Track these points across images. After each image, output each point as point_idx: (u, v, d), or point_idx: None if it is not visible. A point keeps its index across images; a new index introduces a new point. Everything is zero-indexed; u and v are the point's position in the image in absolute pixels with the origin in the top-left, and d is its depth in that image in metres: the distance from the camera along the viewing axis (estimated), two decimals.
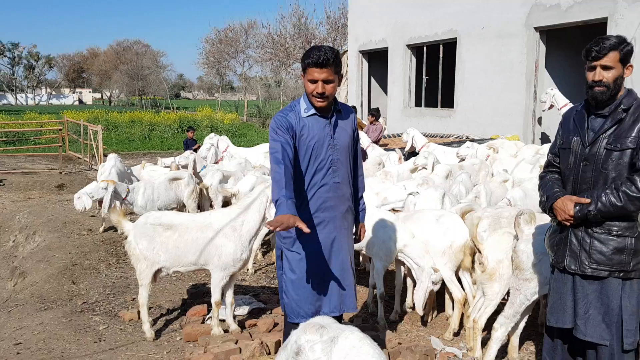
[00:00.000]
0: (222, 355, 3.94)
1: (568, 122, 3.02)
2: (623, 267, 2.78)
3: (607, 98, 2.80)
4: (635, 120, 2.74)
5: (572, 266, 2.88)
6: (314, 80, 3.06)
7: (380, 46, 17.25)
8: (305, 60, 3.07)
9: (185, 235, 4.40)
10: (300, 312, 3.23)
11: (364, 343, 2.06)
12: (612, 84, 2.76)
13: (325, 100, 3.10)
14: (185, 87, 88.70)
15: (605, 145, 2.78)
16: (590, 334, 2.84)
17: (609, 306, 2.81)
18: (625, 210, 2.72)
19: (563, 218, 2.87)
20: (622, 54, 2.75)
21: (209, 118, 29.20)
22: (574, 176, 2.91)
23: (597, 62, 2.77)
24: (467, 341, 4.32)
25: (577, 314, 2.88)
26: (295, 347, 2.09)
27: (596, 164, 2.81)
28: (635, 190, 2.67)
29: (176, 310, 5.23)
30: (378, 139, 11.77)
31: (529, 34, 12.07)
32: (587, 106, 2.92)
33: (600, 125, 2.83)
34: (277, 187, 2.88)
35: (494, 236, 4.05)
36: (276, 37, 32.76)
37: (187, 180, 7.50)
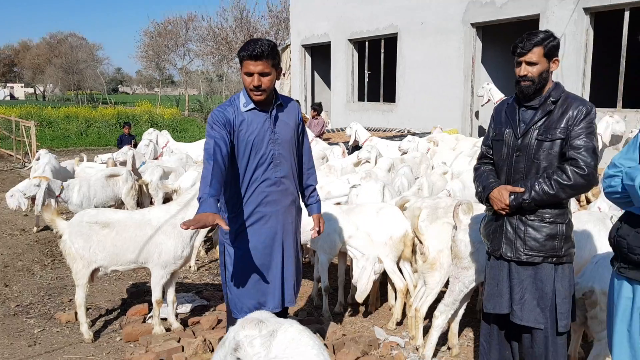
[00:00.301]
0: (164, 354, 3.86)
1: (500, 115, 3.12)
2: (555, 253, 2.90)
3: (532, 92, 2.91)
4: (564, 112, 2.86)
5: (508, 253, 2.97)
6: (249, 73, 3.03)
7: (322, 40, 17.30)
8: (240, 53, 3.04)
9: (123, 233, 4.28)
10: (244, 308, 3.20)
11: (303, 335, 2.05)
12: (537, 78, 2.87)
13: (263, 94, 3.07)
14: (123, 82, 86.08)
15: (536, 136, 2.89)
16: (526, 318, 2.95)
17: (543, 291, 2.92)
18: (557, 198, 2.83)
19: (499, 207, 2.96)
20: (546, 49, 2.86)
21: (148, 113, 28.45)
22: (508, 167, 3.01)
23: (522, 58, 2.88)
24: (410, 330, 4.41)
25: (513, 299, 2.98)
26: (233, 343, 2.06)
27: (528, 155, 2.91)
28: (566, 179, 2.78)
29: (116, 310, 5.08)
30: (321, 133, 11.81)
31: (466, 30, 12.39)
32: (518, 99, 3.02)
33: (531, 117, 2.93)
34: (203, 185, 2.84)
35: (435, 226, 4.14)
36: (217, 30, 32.31)
37: (125, 177, 7.29)
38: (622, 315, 2.35)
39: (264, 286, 3.25)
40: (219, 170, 2.89)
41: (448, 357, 4.11)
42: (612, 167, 2.37)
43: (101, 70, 55.85)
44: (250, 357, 2.01)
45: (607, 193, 2.40)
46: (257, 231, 3.21)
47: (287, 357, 1.99)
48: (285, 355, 1.99)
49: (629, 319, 2.32)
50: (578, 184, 2.78)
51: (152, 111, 29.42)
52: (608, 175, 2.38)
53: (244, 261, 3.21)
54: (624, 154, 2.37)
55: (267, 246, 3.23)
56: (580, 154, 2.77)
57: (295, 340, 2.02)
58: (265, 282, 3.24)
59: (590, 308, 3.29)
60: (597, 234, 4.03)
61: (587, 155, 2.77)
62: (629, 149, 2.37)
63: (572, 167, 2.78)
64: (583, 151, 2.78)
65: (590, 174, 2.77)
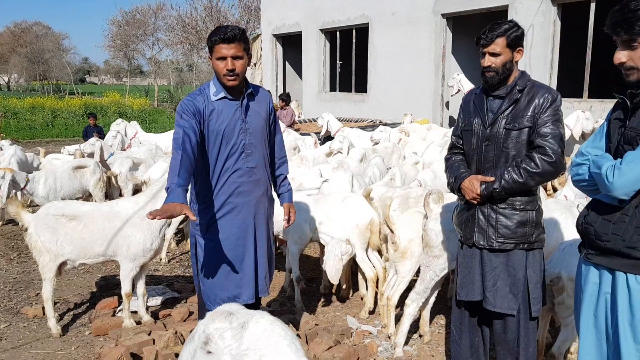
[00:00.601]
0: (135, 348, 3.81)
1: (468, 105, 3.14)
2: (527, 239, 2.95)
3: (497, 82, 2.94)
4: (530, 100, 2.89)
5: (480, 241, 3.01)
6: (222, 58, 2.99)
7: (294, 30, 17.20)
8: (212, 38, 3.00)
9: (91, 225, 4.20)
10: (217, 300, 3.17)
11: (275, 326, 2.04)
12: (501, 68, 2.90)
13: (237, 78, 3.04)
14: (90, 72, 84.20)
15: (504, 125, 2.92)
16: (499, 305, 2.99)
17: (515, 277, 2.97)
18: (526, 186, 2.87)
19: (471, 197, 2.99)
20: (509, 40, 2.87)
21: (117, 103, 27.92)
22: (477, 156, 3.03)
23: (486, 49, 2.90)
24: (382, 318, 4.45)
25: (486, 286, 3.02)
26: (203, 337, 2.04)
27: (497, 144, 2.94)
28: (534, 167, 2.82)
29: (84, 304, 4.99)
30: (291, 123, 11.78)
31: (436, 20, 12.46)
32: (485, 89, 3.05)
33: (498, 107, 2.96)
34: (171, 175, 2.80)
35: (405, 216, 4.16)
36: (187, 19, 31.79)
37: (92, 169, 7.13)
38: (589, 301, 2.40)
39: (237, 277, 3.22)
40: (187, 160, 2.84)
41: (420, 345, 4.16)
42: (579, 156, 2.41)
43: (67, 60, 54.61)
44: (221, 350, 1.99)
45: (574, 181, 2.44)
46: (229, 222, 3.18)
47: (259, 348, 1.98)
48: (257, 346, 1.98)
49: (595, 304, 2.37)
50: (546, 171, 2.82)
51: (120, 102, 28.89)
52: (575, 164, 2.42)
53: (216, 253, 3.18)
54: (591, 143, 2.41)
55: (239, 237, 3.21)
56: (547, 141, 2.82)
57: (267, 332, 2.01)
58: (238, 273, 3.22)
59: (558, 294, 3.36)
60: (563, 221, 4.11)
61: (554, 142, 2.81)
62: (595, 137, 2.42)
63: (539, 155, 2.81)
64: (550, 138, 2.82)
65: (557, 160, 2.82)
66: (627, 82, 2.21)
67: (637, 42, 2.12)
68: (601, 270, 2.34)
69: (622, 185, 2.14)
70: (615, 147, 2.28)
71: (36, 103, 26.39)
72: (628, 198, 2.18)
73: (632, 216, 2.19)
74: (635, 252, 2.18)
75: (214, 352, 2.00)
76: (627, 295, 2.21)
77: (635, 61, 2.15)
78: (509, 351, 3.07)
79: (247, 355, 1.97)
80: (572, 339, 3.44)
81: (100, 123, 16.92)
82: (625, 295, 2.22)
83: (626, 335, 2.21)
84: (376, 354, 4.01)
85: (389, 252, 4.25)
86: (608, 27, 2.19)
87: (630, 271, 2.21)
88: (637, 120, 2.18)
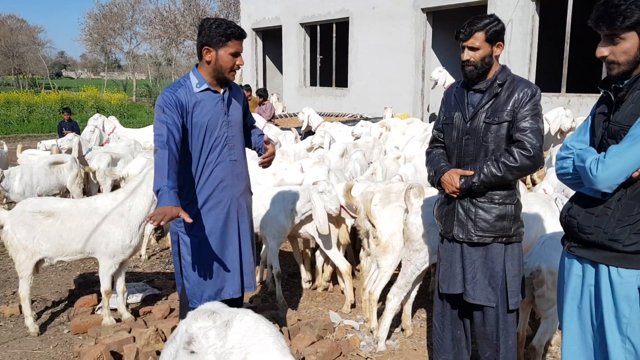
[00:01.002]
0: (115, 346, 3.76)
1: (450, 99, 3.15)
2: (505, 233, 2.97)
3: (475, 76, 2.94)
4: (510, 95, 2.91)
5: (460, 235, 3.02)
6: (237, 54, 3.00)
7: (274, 24, 17.11)
8: (227, 31, 2.95)
9: (69, 222, 4.12)
10: (204, 296, 3.14)
11: (260, 323, 2.02)
12: (480, 62, 2.90)
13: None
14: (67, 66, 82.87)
15: (484, 119, 2.93)
16: (478, 297, 3.02)
17: (494, 270, 3.00)
18: (504, 180, 2.89)
19: (450, 191, 3.00)
20: (488, 34, 2.88)
21: (94, 98, 27.43)
22: (458, 150, 3.05)
23: (465, 43, 2.91)
24: (364, 313, 4.45)
25: (466, 279, 3.04)
26: (186, 337, 2.01)
27: (477, 138, 2.96)
28: (513, 161, 2.83)
29: (63, 302, 4.91)
30: (271, 118, 11.74)
31: (416, 15, 12.49)
32: (466, 83, 3.06)
33: (478, 101, 2.97)
34: (159, 176, 2.73)
35: (387, 210, 4.17)
36: (165, 13, 31.43)
37: (69, 165, 7.01)
38: (573, 293, 2.42)
39: (222, 272, 3.20)
40: (174, 159, 2.80)
41: (402, 338, 4.17)
42: (564, 149, 2.43)
43: (43, 54, 53.59)
44: (205, 349, 1.96)
45: (559, 174, 2.46)
46: (213, 217, 3.15)
47: (244, 346, 1.96)
48: (243, 344, 1.96)
49: (579, 297, 2.40)
50: (524, 165, 2.84)
51: (98, 96, 28.39)
52: (560, 157, 2.43)
53: (201, 249, 3.14)
54: (576, 136, 2.43)
55: (224, 232, 3.18)
56: (526, 135, 2.83)
57: (252, 329, 1.99)
58: (224, 268, 3.19)
59: (538, 287, 3.40)
60: (543, 215, 4.16)
61: (533, 137, 2.83)
62: (580, 131, 2.44)
63: (518, 149, 2.83)
64: (529, 133, 2.83)
65: (536, 155, 2.84)
66: (609, 75, 2.23)
67: (618, 37, 2.13)
68: (584, 263, 2.37)
69: (605, 178, 2.16)
70: (599, 140, 2.30)
71: (11, 98, 25.83)
72: (611, 191, 2.20)
73: (615, 209, 2.22)
74: (617, 244, 2.20)
75: (197, 352, 1.97)
76: (609, 288, 2.24)
77: (617, 56, 2.17)
78: (489, 344, 3.10)
79: (232, 354, 1.94)
80: (552, 331, 3.48)
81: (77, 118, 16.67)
82: (608, 288, 2.25)
83: (612, 327, 2.24)
84: (359, 348, 4.01)
85: (370, 247, 4.26)
86: (591, 21, 2.20)
87: (612, 264, 2.24)
88: (621, 115, 2.20)
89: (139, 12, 36.88)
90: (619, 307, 2.21)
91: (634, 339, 2.20)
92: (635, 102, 2.16)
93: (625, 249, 2.19)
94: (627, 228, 2.19)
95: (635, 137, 2.11)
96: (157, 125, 2.92)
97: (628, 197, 2.19)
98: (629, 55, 2.15)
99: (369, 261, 4.48)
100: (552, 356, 3.85)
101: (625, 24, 2.10)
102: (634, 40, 2.13)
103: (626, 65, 2.17)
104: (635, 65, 2.17)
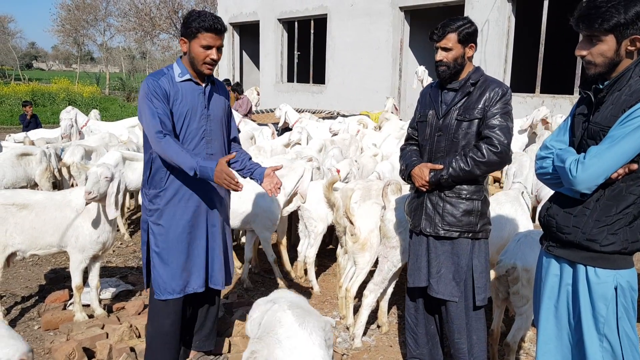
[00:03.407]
0: (87, 342, 3.69)
1: (425, 98, 3.24)
2: (471, 228, 3.04)
3: (448, 76, 3.02)
4: (481, 94, 2.99)
5: (427, 229, 3.09)
6: (209, 47, 2.96)
7: (251, 19, 17.00)
8: (199, 23, 2.93)
9: (43, 214, 4.03)
10: (168, 289, 3.11)
11: None
12: (452, 63, 2.98)
13: (214, 68, 3.06)
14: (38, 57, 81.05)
15: (456, 116, 3.01)
16: (441, 291, 3.07)
17: (458, 265, 3.06)
18: (472, 175, 2.96)
19: (420, 184, 3.07)
20: (460, 36, 2.95)
21: (65, 90, 26.91)
22: (430, 146, 3.12)
23: (438, 44, 2.99)
24: (340, 310, 4.45)
25: (431, 273, 3.10)
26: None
27: (449, 134, 3.03)
28: (481, 156, 2.91)
29: (33, 297, 4.81)
30: (248, 112, 11.68)
31: (394, 13, 12.54)
32: (440, 82, 3.13)
33: (452, 99, 3.06)
34: (183, 160, 2.87)
35: (364, 207, 4.17)
36: (140, 5, 30.95)
37: (39, 157, 6.79)
38: (550, 292, 2.45)
39: (189, 266, 3.16)
40: (178, 142, 2.95)
41: (378, 335, 4.19)
42: (543, 149, 2.46)
43: (13, 45, 52.29)
44: None
45: (538, 174, 2.48)
46: (182, 208, 3.10)
47: None
48: None
49: (556, 296, 2.43)
50: (491, 160, 2.92)
51: (69, 89, 27.84)
52: (540, 157, 2.46)
53: (168, 239, 3.10)
54: (555, 136, 2.46)
55: (192, 224, 3.14)
56: (495, 132, 2.91)
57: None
58: (191, 262, 3.15)
59: (513, 284, 3.44)
60: (514, 213, 4.24)
61: (501, 134, 2.91)
62: (559, 131, 2.46)
63: (486, 145, 2.91)
64: (497, 130, 2.91)
65: (503, 151, 2.92)
66: (587, 75, 2.26)
67: (597, 38, 2.16)
68: (562, 262, 2.40)
69: (585, 179, 2.19)
70: (579, 141, 2.33)
71: None
72: (590, 192, 2.23)
73: (593, 210, 2.25)
74: (594, 244, 2.24)
75: None
76: (587, 288, 2.28)
77: (594, 57, 2.19)
78: (453, 339, 3.15)
79: None
80: (526, 328, 3.53)
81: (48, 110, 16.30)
82: (586, 288, 2.28)
83: (589, 326, 2.27)
84: (335, 345, 4.01)
85: (347, 244, 4.26)
86: (573, 20, 2.23)
87: (589, 264, 2.27)
88: (601, 116, 2.23)
89: (113, 3, 36.27)
90: (596, 306, 2.25)
91: (610, 338, 2.23)
92: (615, 103, 2.18)
93: (602, 249, 2.22)
94: (605, 228, 2.22)
95: (615, 139, 2.13)
96: (148, 116, 2.94)
97: (606, 198, 2.22)
98: (606, 58, 2.18)
99: (346, 258, 4.49)
100: (525, 352, 3.91)
101: (603, 27, 2.12)
102: (611, 43, 2.15)
103: (602, 67, 2.20)
104: (612, 67, 2.20)
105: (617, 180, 2.19)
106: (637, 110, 2.09)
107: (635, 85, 2.15)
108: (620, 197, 2.19)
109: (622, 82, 2.18)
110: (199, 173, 2.83)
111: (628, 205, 2.19)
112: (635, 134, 2.09)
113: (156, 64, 39.92)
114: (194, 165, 2.83)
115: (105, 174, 3.92)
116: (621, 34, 2.12)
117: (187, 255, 3.14)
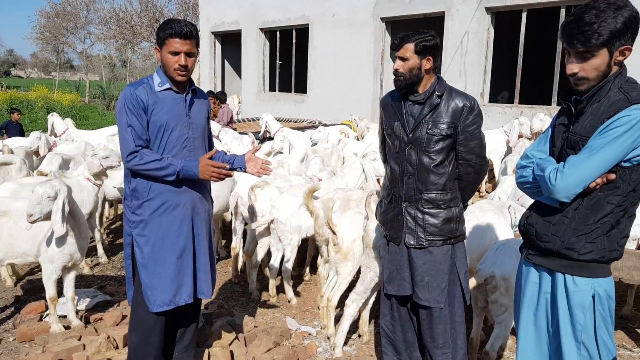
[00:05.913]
0: (64, 354, 3.62)
1: (388, 109, 3.20)
2: (453, 234, 3.09)
3: (403, 86, 3.02)
4: (449, 106, 2.99)
5: (411, 241, 3.09)
6: (176, 52, 2.93)
7: (233, 28, 16.98)
8: (165, 31, 2.92)
9: (20, 222, 3.97)
10: (157, 301, 3.06)
11: None
12: (408, 73, 2.97)
13: (187, 74, 3.02)
14: (16, 64, 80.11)
15: (426, 130, 3.00)
16: (427, 298, 3.08)
17: (442, 271, 3.08)
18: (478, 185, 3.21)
19: None
20: (417, 47, 2.94)
21: (44, 98, 26.53)
22: (400, 159, 3.11)
23: (396, 53, 3.01)
24: (321, 319, 4.44)
25: (415, 282, 3.11)
26: None
27: (419, 147, 3.03)
28: (473, 182, 3.12)
29: (8, 308, 4.71)
30: (229, 122, 11.65)
31: (375, 23, 12.63)
32: (403, 94, 3.11)
33: (419, 112, 3.03)
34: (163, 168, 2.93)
35: (347, 217, 4.17)
36: (121, 13, 30.76)
37: (18, 166, 6.71)
38: (530, 300, 2.47)
39: (178, 277, 3.11)
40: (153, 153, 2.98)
41: (359, 344, 4.18)
42: (524, 158, 2.48)
43: None
44: None
45: (519, 183, 2.50)
46: (168, 219, 3.06)
47: None
48: None
49: (536, 304, 2.45)
50: (481, 177, 3.16)
51: (49, 96, 27.46)
52: (520, 166, 2.48)
53: (156, 252, 3.05)
54: (536, 146, 2.49)
55: (179, 235, 3.09)
56: (475, 155, 3.04)
57: None
58: (178, 273, 3.11)
59: (491, 293, 3.47)
60: (496, 221, 4.26)
61: (480, 150, 3.05)
62: (540, 141, 2.49)
63: (473, 170, 3.07)
64: (476, 149, 3.03)
65: (485, 168, 3.12)
66: (576, 91, 2.28)
67: (591, 54, 2.18)
68: (541, 271, 2.42)
69: (563, 188, 2.22)
70: (558, 151, 2.36)
71: None
72: (569, 201, 2.25)
73: (572, 218, 2.27)
74: (572, 253, 2.26)
75: None
76: (565, 296, 2.30)
77: (587, 72, 2.21)
78: (437, 345, 3.14)
79: None
80: (505, 336, 3.55)
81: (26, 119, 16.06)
82: (564, 296, 2.30)
83: (567, 333, 2.29)
84: (316, 354, 4.00)
85: (329, 254, 4.25)
86: (564, 39, 2.23)
87: (567, 272, 2.29)
88: (580, 126, 2.26)
89: (94, 11, 35.95)
90: (574, 314, 2.27)
91: (588, 345, 2.26)
92: (594, 114, 2.21)
93: (580, 257, 2.25)
94: (583, 237, 2.24)
95: (593, 149, 2.16)
96: (122, 132, 2.94)
97: (584, 206, 2.24)
98: (599, 71, 2.19)
99: (327, 268, 4.48)
100: None
101: (600, 42, 2.14)
102: (605, 56, 2.17)
103: (595, 81, 2.21)
104: (602, 80, 2.22)
105: (595, 189, 2.21)
106: (616, 121, 2.12)
107: (614, 97, 2.18)
108: (598, 206, 2.22)
109: (601, 94, 2.21)
110: (183, 173, 2.85)
111: (606, 214, 2.22)
112: (613, 144, 2.12)
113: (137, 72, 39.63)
114: (174, 168, 2.86)
115: (47, 193, 3.77)
116: (614, 46, 2.15)
117: (175, 265, 3.10)
